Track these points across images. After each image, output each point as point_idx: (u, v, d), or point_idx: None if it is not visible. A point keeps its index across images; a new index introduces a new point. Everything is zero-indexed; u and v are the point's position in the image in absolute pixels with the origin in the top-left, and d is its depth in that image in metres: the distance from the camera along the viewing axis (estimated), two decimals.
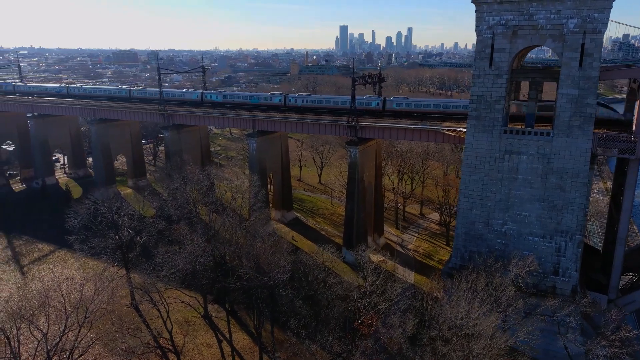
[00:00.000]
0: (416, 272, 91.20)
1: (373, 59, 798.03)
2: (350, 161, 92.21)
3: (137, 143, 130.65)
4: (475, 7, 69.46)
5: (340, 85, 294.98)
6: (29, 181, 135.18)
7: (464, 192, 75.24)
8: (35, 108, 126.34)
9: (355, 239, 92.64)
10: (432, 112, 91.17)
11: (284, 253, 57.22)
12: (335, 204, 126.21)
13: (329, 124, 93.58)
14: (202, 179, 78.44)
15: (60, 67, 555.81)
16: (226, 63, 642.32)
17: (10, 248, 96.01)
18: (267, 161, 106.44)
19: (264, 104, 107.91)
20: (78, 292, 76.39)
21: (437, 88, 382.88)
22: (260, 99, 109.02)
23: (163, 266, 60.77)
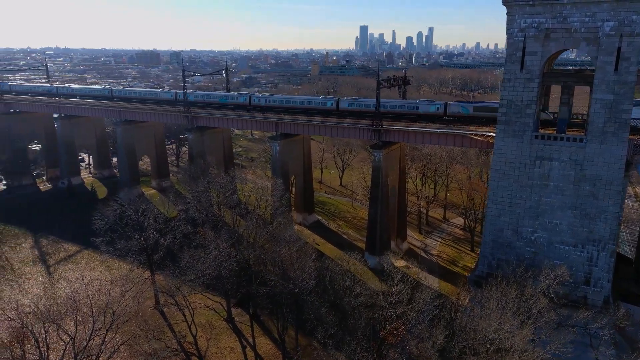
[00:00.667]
0: (440, 278, 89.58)
1: (393, 59, 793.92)
2: (374, 165, 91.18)
3: (161, 144, 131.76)
4: (507, 9, 67.82)
5: (361, 86, 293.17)
6: (55, 181, 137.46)
7: (492, 198, 73.61)
8: (62, 109, 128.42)
9: (378, 244, 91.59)
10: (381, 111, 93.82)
11: (309, 259, 56.62)
12: (357, 207, 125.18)
13: (353, 127, 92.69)
14: (226, 183, 78.33)
15: (85, 67, 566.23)
16: (246, 63, 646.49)
17: (37, 248, 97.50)
18: (289, 164, 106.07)
19: (230, 103, 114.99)
20: (104, 293, 77.72)
21: (459, 89, 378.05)
22: (227, 99, 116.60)
23: (188, 270, 60.75)
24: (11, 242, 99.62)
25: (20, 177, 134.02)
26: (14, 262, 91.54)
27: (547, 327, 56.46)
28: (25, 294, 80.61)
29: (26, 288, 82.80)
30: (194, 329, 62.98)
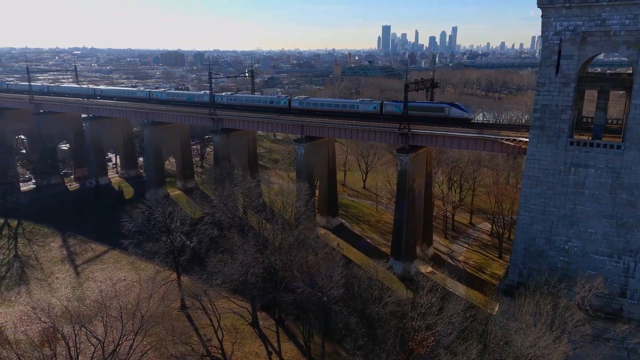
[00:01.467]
0: (467, 285, 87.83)
1: (416, 59, 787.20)
2: (400, 169, 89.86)
3: (186, 145, 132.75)
4: (542, 11, 65.81)
5: (384, 87, 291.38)
6: (82, 180, 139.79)
7: (524, 205, 71.57)
8: (90, 110, 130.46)
9: (403, 250, 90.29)
10: (327, 110, 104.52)
11: (337, 267, 55.85)
12: (381, 211, 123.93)
13: (380, 130, 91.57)
14: (252, 186, 78.17)
15: (111, 67, 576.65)
16: (269, 64, 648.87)
17: (65, 247, 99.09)
18: (314, 167, 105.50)
19: (196, 101, 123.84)
20: (131, 294, 78.44)
21: (484, 90, 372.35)
22: (194, 98, 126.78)
23: (215, 275, 60.66)
24: (40, 241, 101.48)
25: (49, 177, 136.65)
26: (43, 261, 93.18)
27: (582, 340, 54.53)
28: (54, 293, 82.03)
29: (55, 287, 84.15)
30: (220, 333, 62.89)
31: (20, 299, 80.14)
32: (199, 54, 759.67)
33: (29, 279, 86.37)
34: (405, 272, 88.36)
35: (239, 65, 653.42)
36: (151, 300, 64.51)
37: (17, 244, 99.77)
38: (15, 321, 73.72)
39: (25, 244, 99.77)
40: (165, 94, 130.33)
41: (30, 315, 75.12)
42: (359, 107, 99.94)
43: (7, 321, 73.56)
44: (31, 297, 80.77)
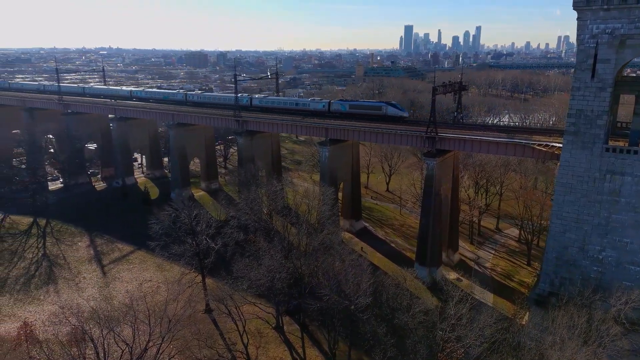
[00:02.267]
0: (495, 293, 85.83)
1: (439, 59, 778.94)
2: (426, 174, 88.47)
3: (210, 147, 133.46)
4: (578, 14, 63.79)
5: (407, 88, 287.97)
6: (109, 180, 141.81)
7: (556, 213, 69.60)
8: (118, 111, 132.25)
9: (429, 255, 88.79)
10: (283, 108, 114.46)
11: (364, 274, 54.99)
12: (405, 214, 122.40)
13: (406, 134, 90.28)
14: (277, 190, 77.86)
15: (137, 67, 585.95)
16: (291, 64, 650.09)
17: (92, 247, 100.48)
18: (338, 170, 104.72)
19: (172, 99, 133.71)
20: (157, 295, 78.99)
21: (509, 91, 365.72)
22: (169, 96, 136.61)
23: (241, 280, 60.45)
24: (68, 240, 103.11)
25: (77, 176, 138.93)
26: (70, 260, 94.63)
27: (619, 355, 52.55)
28: (81, 293, 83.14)
29: (82, 287, 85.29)
30: (246, 338, 62.69)
31: (49, 298, 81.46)
32: (222, 54, 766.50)
33: (57, 278, 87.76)
34: (431, 279, 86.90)
35: (262, 65, 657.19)
36: (177, 302, 64.94)
37: (45, 243, 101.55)
38: (44, 320, 74.76)
39: (53, 243, 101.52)
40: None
41: (59, 314, 76.34)
42: (310, 105, 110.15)
43: (36, 320, 74.68)
44: (59, 296, 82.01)
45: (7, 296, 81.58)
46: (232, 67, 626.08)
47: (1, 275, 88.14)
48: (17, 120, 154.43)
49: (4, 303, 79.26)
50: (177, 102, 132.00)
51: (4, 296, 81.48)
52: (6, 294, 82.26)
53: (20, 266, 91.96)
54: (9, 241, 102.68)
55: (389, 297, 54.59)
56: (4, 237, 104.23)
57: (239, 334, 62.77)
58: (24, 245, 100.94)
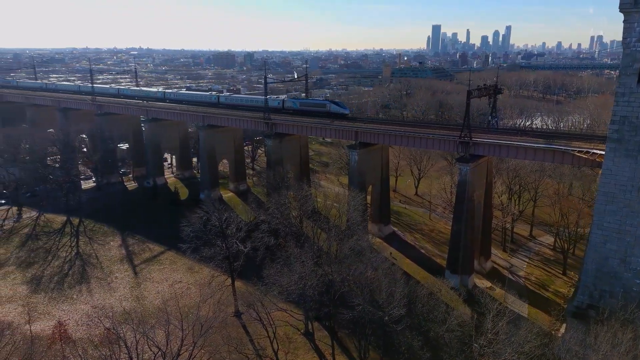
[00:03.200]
0: (529, 303, 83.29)
1: (467, 59, 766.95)
2: (459, 179, 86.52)
3: (239, 148, 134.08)
4: (624, 16, 60.98)
5: (436, 89, 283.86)
6: (140, 179, 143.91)
7: (597, 223, 66.80)
8: (150, 112, 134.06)
9: (461, 263, 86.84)
10: (247, 105, 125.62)
11: (398, 284, 53.83)
12: (434, 219, 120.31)
13: (438, 138, 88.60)
14: (307, 195, 77.32)
15: (166, 67, 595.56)
16: (317, 64, 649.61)
17: (124, 247, 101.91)
18: (367, 173, 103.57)
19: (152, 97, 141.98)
20: (187, 297, 79.62)
21: (541, 92, 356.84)
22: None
23: (272, 286, 60.08)
24: (101, 239, 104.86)
25: (109, 175, 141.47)
26: (102, 260, 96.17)
27: None
28: (113, 293, 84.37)
29: (114, 287, 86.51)
30: (276, 344, 62.31)
31: (82, 297, 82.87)
32: (249, 55, 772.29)
33: (90, 278, 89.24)
34: (462, 287, 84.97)
35: (288, 65, 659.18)
36: (207, 306, 65.07)
37: (78, 242, 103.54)
38: (77, 320, 76.18)
39: (86, 242, 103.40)
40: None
41: (91, 315, 77.68)
42: (268, 102, 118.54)
43: (70, 319, 76.04)
44: (92, 295, 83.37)
45: (42, 294, 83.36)
46: (258, 68, 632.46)
47: (36, 274, 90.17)
48: (52, 120, 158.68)
49: (39, 301, 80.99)
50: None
51: (39, 294, 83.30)
52: (41, 292, 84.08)
53: (54, 265, 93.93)
54: (43, 239, 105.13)
55: (423, 308, 53.22)
56: (39, 235, 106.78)
57: (269, 340, 62.41)
58: (57, 243, 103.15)
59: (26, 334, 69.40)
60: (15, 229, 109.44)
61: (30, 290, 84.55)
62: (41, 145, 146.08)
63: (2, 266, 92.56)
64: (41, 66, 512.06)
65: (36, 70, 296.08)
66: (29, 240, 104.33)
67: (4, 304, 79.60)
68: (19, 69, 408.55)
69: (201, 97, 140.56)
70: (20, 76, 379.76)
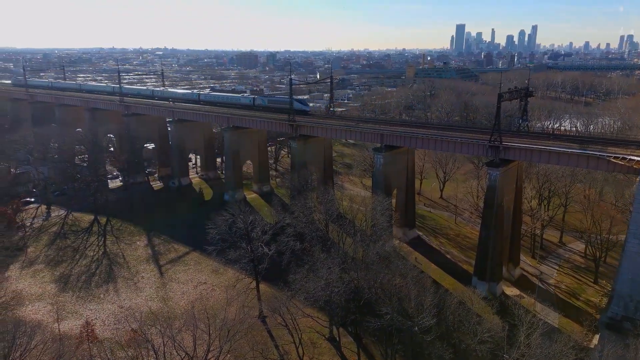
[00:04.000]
0: (560, 313, 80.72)
1: (492, 59, 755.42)
2: (488, 184, 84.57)
3: (263, 150, 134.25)
4: None
5: (460, 90, 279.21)
6: (165, 179, 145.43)
7: (634, 232, 64.52)
8: (176, 113, 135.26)
9: (489, 270, 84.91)
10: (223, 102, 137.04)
11: (428, 293, 52.65)
12: (460, 224, 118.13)
13: (467, 142, 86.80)
14: (332, 199, 76.60)
15: (190, 68, 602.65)
16: (339, 64, 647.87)
17: (150, 247, 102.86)
18: (392, 177, 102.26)
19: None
20: (212, 298, 79.88)
21: (569, 93, 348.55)
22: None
23: (298, 292, 59.56)
24: (127, 239, 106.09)
25: (135, 175, 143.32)
26: (129, 259, 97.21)
27: None
28: (139, 293, 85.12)
29: (140, 287, 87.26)
30: (301, 350, 61.79)
31: (109, 297, 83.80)
32: (272, 55, 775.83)
33: (117, 277, 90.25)
34: (490, 294, 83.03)
35: (310, 65, 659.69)
36: (231, 308, 65.07)
37: (105, 241, 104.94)
38: (104, 319, 77.06)
39: (113, 242, 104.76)
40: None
41: (118, 314, 78.65)
42: (241, 100, 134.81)
43: (97, 318, 76.94)
44: (118, 295, 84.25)
45: (69, 293, 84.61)
46: (281, 68, 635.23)
47: (64, 272, 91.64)
48: (80, 120, 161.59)
49: (67, 300, 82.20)
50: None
51: (67, 293, 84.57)
52: (69, 290, 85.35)
53: (82, 264, 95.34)
54: (71, 238, 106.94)
55: (453, 319, 51.92)
56: (67, 234, 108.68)
57: (295, 346, 61.94)
58: (85, 242, 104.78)
59: (55, 332, 70.53)
60: (44, 227, 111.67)
61: (59, 288, 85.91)
62: (70, 144, 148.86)
63: (32, 264, 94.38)
64: (69, 66, 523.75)
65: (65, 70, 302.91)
66: (58, 238, 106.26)
67: (33, 302, 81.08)
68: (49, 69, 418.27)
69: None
70: (49, 76, 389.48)
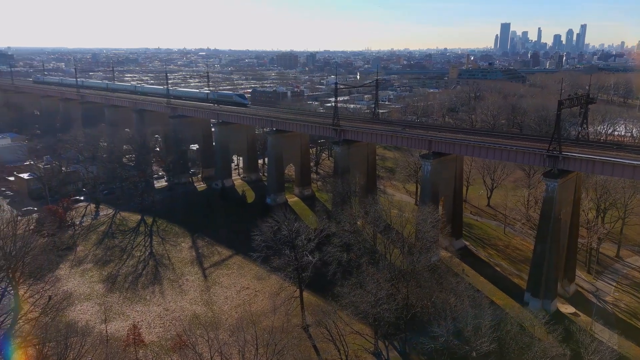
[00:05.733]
0: (619, 334, 75.53)
1: (539, 60, 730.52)
2: (545, 195, 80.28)
3: (305, 154, 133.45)
4: None
5: (507, 93, 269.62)
6: (208, 180, 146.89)
7: None
8: (220, 116, 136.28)
9: (543, 286, 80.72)
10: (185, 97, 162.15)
11: (486, 315, 49.83)
12: (509, 234, 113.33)
13: (522, 150, 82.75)
14: (380, 209, 74.52)
15: (232, 68, 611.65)
16: (379, 65, 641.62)
17: (194, 248, 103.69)
18: (439, 184, 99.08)
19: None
20: (254, 304, 79.45)
21: (622, 96, 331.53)
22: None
23: (347, 306, 57.88)
24: (172, 240, 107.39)
25: (180, 175, 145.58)
26: (174, 261, 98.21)
27: None
28: (184, 296, 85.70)
29: (185, 289, 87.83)
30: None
31: (154, 299, 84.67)
32: (311, 55, 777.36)
33: (162, 279, 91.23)
34: (544, 311, 78.77)
35: (349, 66, 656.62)
36: (275, 317, 64.12)
37: (152, 242, 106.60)
38: (149, 321, 77.81)
39: (159, 242, 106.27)
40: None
41: (163, 316, 79.32)
42: (199, 94, 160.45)
43: (143, 321, 77.81)
44: (164, 297, 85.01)
45: (117, 294, 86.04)
46: (320, 68, 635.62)
47: (112, 272, 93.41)
48: (128, 121, 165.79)
49: (114, 301, 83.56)
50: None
51: (114, 293, 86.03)
52: (116, 291, 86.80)
53: (129, 264, 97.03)
54: (119, 237, 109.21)
55: (515, 344, 48.84)
56: (115, 233, 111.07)
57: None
58: (132, 243, 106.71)
59: (102, 334, 71.61)
60: (93, 226, 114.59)
61: (107, 289, 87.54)
62: (118, 144, 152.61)
63: (81, 263, 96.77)
64: (117, 66, 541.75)
65: (113, 70, 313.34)
66: (106, 237, 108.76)
67: (82, 302, 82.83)
68: (98, 69, 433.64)
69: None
70: (98, 75, 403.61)
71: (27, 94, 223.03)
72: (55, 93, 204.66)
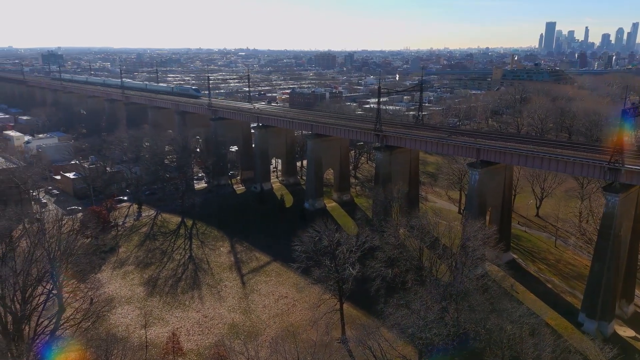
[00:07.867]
0: None
1: (587, 60, 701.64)
2: (605, 211, 74.87)
3: (345, 158, 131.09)
4: None
5: (555, 95, 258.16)
6: (247, 183, 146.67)
7: None
8: (260, 119, 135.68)
9: (599, 307, 75.33)
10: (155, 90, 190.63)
11: (546, 346, 46.05)
12: (561, 247, 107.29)
13: (579, 162, 77.53)
14: (427, 224, 71.18)
15: (271, 68, 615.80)
16: (418, 65, 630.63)
17: (232, 253, 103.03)
18: (487, 195, 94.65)
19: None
20: (292, 314, 77.74)
21: None
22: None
23: (392, 327, 55.16)
24: (211, 244, 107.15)
25: (219, 177, 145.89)
26: (213, 266, 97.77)
27: None
28: (223, 302, 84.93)
29: (223, 296, 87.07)
30: None
31: (193, 305, 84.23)
32: (349, 55, 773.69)
33: (201, 284, 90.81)
34: (601, 335, 73.63)
35: (388, 66, 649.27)
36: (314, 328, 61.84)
37: (191, 245, 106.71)
38: (188, 328, 77.27)
39: (198, 246, 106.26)
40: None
41: (202, 323, 78.68)
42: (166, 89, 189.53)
43: (181, 327, 77.35)
44: (203, 303, 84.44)
45: (157, 298, 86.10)
46: (358, 68, 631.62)
47: (153, 275, 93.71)
48: (170, 122, 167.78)
49: (154, 305, 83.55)
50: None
51: (154, 297, 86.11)
52: (156, 295, 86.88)
53: (169, 267, 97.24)
54: (160, 239, 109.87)
55: None
56: (156, 235, 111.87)
57: None
58: (172, 245, 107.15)
59: (141, 339, 71.56)
60: (135, 227, 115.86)
61: (147, 292, 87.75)
62: (160, 145, 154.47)
63: (123, 265, 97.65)
64: (160, 66, 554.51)
65: (157, 70, 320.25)
66: (147, 239, 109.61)
67: (123, 305, 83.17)
68: (142, 70, 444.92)
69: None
70: (142, 76, 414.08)
71: (74, 93, 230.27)
72: (101, 94, 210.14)
